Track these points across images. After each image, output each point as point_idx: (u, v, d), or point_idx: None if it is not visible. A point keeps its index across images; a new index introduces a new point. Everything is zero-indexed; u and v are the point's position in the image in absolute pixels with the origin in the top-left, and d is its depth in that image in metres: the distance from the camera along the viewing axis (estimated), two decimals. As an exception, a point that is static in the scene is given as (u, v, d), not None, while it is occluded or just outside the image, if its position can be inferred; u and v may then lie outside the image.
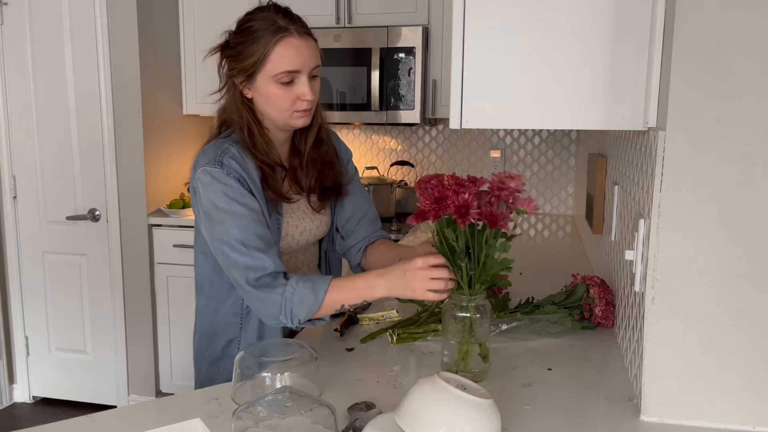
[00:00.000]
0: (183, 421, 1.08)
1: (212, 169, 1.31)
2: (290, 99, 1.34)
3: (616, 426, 1.08)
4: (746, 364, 1.04)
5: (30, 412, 3.24)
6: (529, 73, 1.14)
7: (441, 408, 0.88)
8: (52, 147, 3.08)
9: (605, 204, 1.84)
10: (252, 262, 1.28)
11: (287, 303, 1.27)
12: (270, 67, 1.31)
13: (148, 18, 2.99)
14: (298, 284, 1.28)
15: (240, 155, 1.35)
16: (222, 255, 1.32)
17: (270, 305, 1.28)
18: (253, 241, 1.29)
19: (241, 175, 1.32)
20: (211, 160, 1.33)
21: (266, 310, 1.30)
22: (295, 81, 1.33)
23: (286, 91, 1.33)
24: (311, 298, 1.27)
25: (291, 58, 1.31)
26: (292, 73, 1.32)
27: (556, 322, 1.45)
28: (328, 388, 1.19)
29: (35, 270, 3.20)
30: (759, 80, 0.97)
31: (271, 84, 1.33)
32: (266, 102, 1.36)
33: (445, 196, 1.12)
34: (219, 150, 1.34)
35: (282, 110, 1.36)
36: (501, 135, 3.30)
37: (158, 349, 3.17)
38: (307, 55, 1.33)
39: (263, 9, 1.35)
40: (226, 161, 1.32)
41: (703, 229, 1.02)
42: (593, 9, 1.10)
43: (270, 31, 1.31)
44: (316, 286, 1.28)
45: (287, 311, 1.27)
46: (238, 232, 1.29)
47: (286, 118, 1.37)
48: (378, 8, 2.96)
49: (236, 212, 1.30)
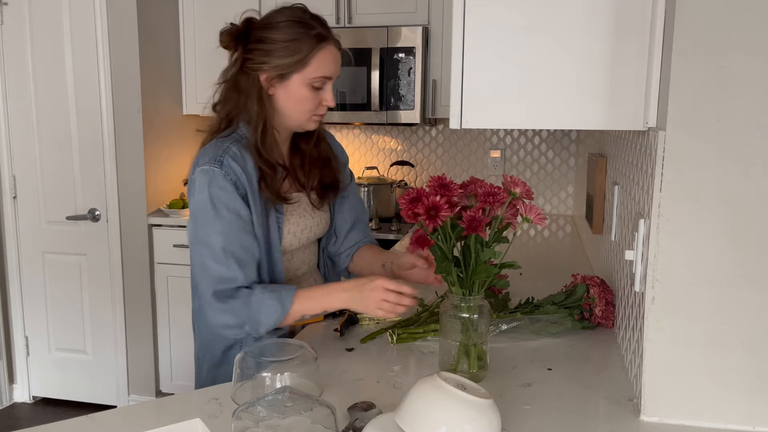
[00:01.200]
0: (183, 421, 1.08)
1: (210, 168, 1.32)
2: (315, 103, 1.39)
3: (616, 426, 1.08)
4: (746, 364, 1.04)
5: (30, 412, 3.24)
6: (529, 73, 1.14)
7: (441, 408, 0.88)
8: (52, 147, 3.08)
9: (605, 204, 1.84)
10: (226, 273, 1.30)
11: (254, 313, 1.30)
12: (310, 70, 1.35)
13: (148, 18, 2.99)
14: (264, 294, 1.31)
15: (241, 154, 1.35)
16: (198, 259, 1.33)
17: (234, 316, 1.31)
18: (235, 251, 1.31)
19: (238, 178, 1.33)
20: (211, 159, 1.33)
21: (228, 321, 1.32)
22: (324, 87, 1.39)
23: (314, 95, 1.38)
24: (278, 309, 1.30)
25: (330, 66, 1.38)
26: (326, 79, 1.39)
27: (556, 322, 1.45)
28: (328, 388, 1.19)
29: (35, 270, 3.20)
30: (759, 80, 0.97)
31: (303, 86, 1.37)
32: (292, 102, 1.38)
33: (420, 196, 1.13)
34: (220, 149, 1.34)
35: (304, 112, 1.40)
36: (501, 135, 3.30)
37: (158, 349, 3.17)
38: (339, 64, 1.42)
39: (294, 9, 1.38)
40: (226, 161, 1.32)
41: (703, 229, 1.02)
42: (593, 9, 1.10)
43: (313, 36, 1.35)
44: (282, 296, 1.31)
45: (254, 321, 1.31)
46: (221, 239, 1.31)
47: (303, 120, 1.41)
48: (378, 8, 2.96)
49: (225, 218, 1.31)
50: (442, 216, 1.12)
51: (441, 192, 1.14)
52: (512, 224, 1.20)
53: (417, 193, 1.15)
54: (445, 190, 1.15)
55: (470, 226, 1.12)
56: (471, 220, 1.12)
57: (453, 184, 1.17)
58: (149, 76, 3.01)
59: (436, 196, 1.13)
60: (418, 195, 1.14)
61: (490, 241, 1.17)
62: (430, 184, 1.17)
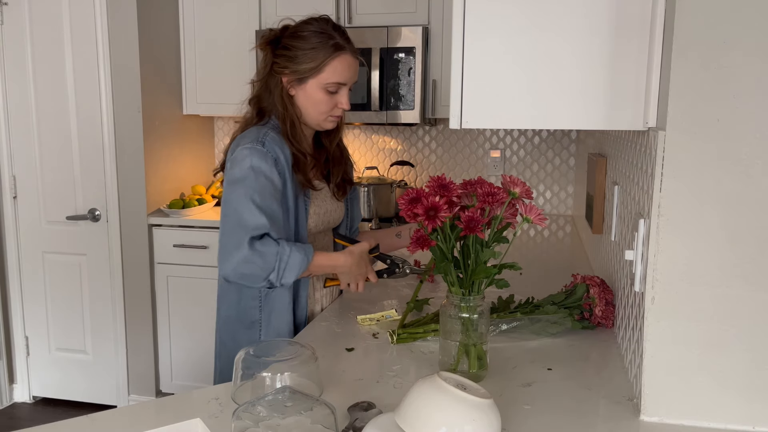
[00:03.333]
0: (183, 421, 1.08)
1: (254, 146, 1.48)
2: (330, 105, 1.55)
3: (616, 426, 1.08)
4: (746, 364, 1.04)
5: (30, 412, 3.24)
6: (529, 73, 1.14)
7: (441, 408, 0.88)
8: (52, 147, 3.08)
9: (605, 204, 1.84)
10: (259, 221, 1.44)
11: (281, 263, 1.45)
12: (324, 76, 1.52)
13: (148, 18, 2.99)
14: (291, 246, 1.46)
15: (279, 139, 1.53)
16: (234, 213, 1.46)
17: (262, 261, 1.44)
18: (267, 208, 1.46)
19: (278, 156, 1.50)
20: (253, 140, 1.49)
21: (254, 268, 1.44)
22: (338, 91, 1.55)
23: (329, 98, 1.55)
24: (303, 261, 1.47)
25: (343, 73, 1.53)
26: (340, 84, 1.54)
27: (556, 322, 1.45)
28: (328, 388, 1.19)
29: (35, 270, 3.20)
30: (759, 80, 0.97)
31: (319, 90, 1.53)
32: (309, 103, 1.55)
33: (419, 197, 1.13)
34: (261, 133, 1.51)
35: (320, 113, 1.56)
36: (501, 135, 3.30)
37: (158, 349, 3.17)
38: (353, 72, 1.57)
39: (320, 21, 1.54)
40: (268, 142, 1.49)
41: (703, 229, 1.02)
42: (593, 9, 1.10)
43: (330, 45, 1.51)
44: (307, 252, 1.48)
45: (280, 270, 1.45)
46: (258, 196, 1.45)
47: (320, 120, 1.58)
48: (378, 8, 2.96)
49: (262, 183, 1.47)
50: (441, 217, 1.12)
51: (440, 192, 1.14)
52: (512, 224, 1.20)
53: (416, 193, 1.15)
54: (445, 190, 1.15)
55: (468, 226, 1.12)
56: (469, 221, 1.12)
57: (452, 184, 1.17)
58: (149, 76, 3.01)
59: (435, 197, 1.13)
60: (418, 195, 1.15)
61: (490, 241, 1.17)
62: (430, 185, 1.17)
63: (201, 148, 3.51)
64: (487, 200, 1.15)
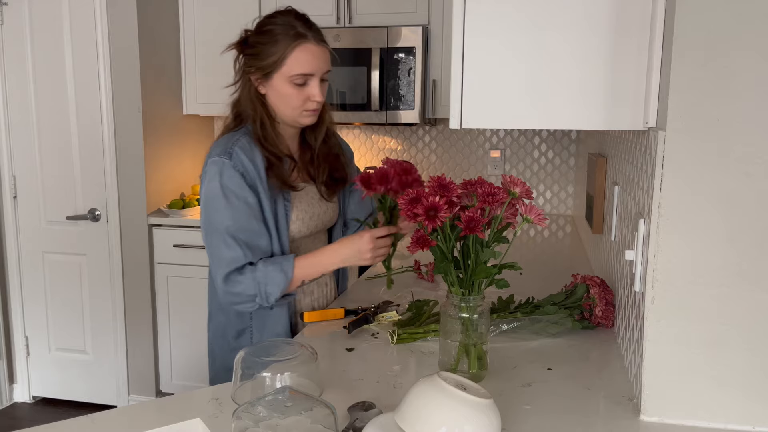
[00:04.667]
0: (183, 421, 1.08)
1: (220, 159, 1.43)
2: (301, 99, 1.47)
3: (616, 426, 1.08)
4: (746, 364, 1.04)
5: (30, 412, 3.24)
6: (529, 73, 1.14)
7: (441, 408, 0.88)
8: (52, 147, 3.08)
9: (605, 204, 1.84)
10: (235, 255, 1.42)
11: (260, 286, 1.42)
12: (287, 68, 1.44)
13: (148, 18, 2.99)
14: (267, 267, 1.43)
15: (249, 146, 1.47)
16: (209, 244, 1.45)
17: (245, 290, 1.42)
18: (243, 236, 1.43)
19: (246, 168, 1.44)
20: (221, 151, 1.44)
21: (240, 297, 1.43)
22: (307, 83, 1.46)
23: (298, 91, 1.46)
24: (282, 277, 1.43)
25: (307, 62, 1.44)
26: (306, 75, 1.45)
27: (557, 322, 1.45)
28: (328, 388, 1.19)
29: (35, 270, 3.20)
30: (759, 80, 0.97)
31: (285, 84, 1.45)
32: (279, 99, 1.48)
33: (419, 197, 1.13)
34: (230, 141, 1.46)
35: (293, 108, 1.48)
36: (501, 135, 3.30)
37: (158, 349, 3.17)
38: (320, 60, 1.47)
39: (283, 13, 1.47)
40: (235, 153, 1.44)
41: (703, 229, 1.02)
42: (593, 9, 1.10)
43: (290, 36, 1.43)
44: (283, 266, 1.44)
45: (262, 293, 1.43)
46: (231, 225, 1.42)
47: (295, 116, 1.50)
48: (378, 8, 2.96)
49: (233, 205, 1.42)
50: (441, 217, 1.12)
51: (440, 192, 1.14)
52: (512, 224, 1.20)
53: (416, 193, 1.15)
54: (445, 190, 1.15)
55: (468, 226, 1.12)
56: (469, 221, 1.12)
57: (452, 184, 1.17)
58: (149, 76, 3.01)
59: (435, 197, 1.13)
60: (418, 195, 1.15)
61: (490, 241, 1.17)
62: (430, 185, 1.17)
63: (201, 148, 3.51)
64: (487, 200, 1.15)
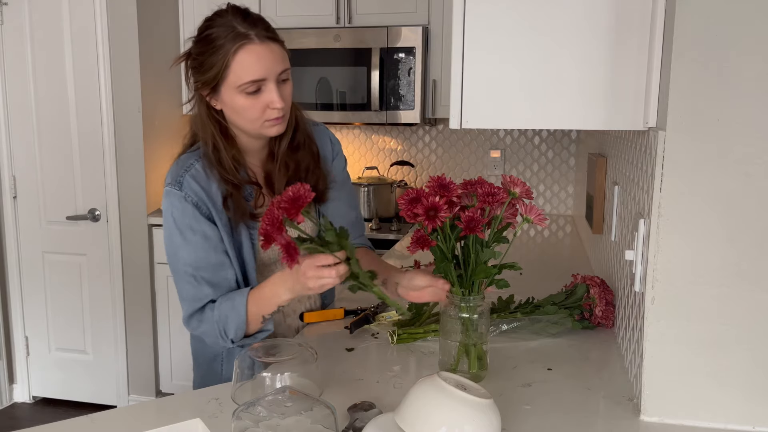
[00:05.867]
0: (183, 421, 1.08)
1: (171, 190, 1.30)
2: (259, 108, 1.26)
3: (616, 426, 1.08)
4: (746, 364, 1.04)
5: (30, 412, 3.24)
6: (529, 73, 1.14)
7: (441, 408, 0.88)
8: (52, 147, 3.08)
9: (605, 204, 1.84)
10: (199, 293, 1.31)
11: (219, 326, 1.30)
12: (233, 78, 1.23)
13: (148, 18, 2.99)
14: (221, 305, 1.30)
15: (204, 172, 1.31)
16: (174, 279, 1.35)
17: (207, 330, 1.32)
18: (203, 272, 1.30)
19: (200, 198, 1.29)
20: (173, 179, 1.31)
21: (207, 337, 1.34)
22: (262, 89, 1.25)
23: (254, 101, 1.25)
24: (235, 316, 1.29)
25: (253, 67, 1.23)
26: (257, 82, 1.24)
27: (557, 322, 1.45)
28: (328, 388, 1.19)
29: (35, 270, 3.20)
30: (759, 80, 0.97)
31: (236, 95, 1.25)
32: (235, 113, 1.28)
33: (419, 197, 1.13)
34: (182, 168, 1.32)
35: (252, 120, 1.28)
36: (501, 135, 3.30)
37: (158, 349, 3.17)
38: (270, 60, 1.24)
39: (221, 13, 1.27)
40: (186, 182, 1.30)
41: (703, 229, 1.02)
42: (593, 9, 1.10)
43: (229, 39, 1.22)
44: (235, 303, 1.29)
45: (222, 333, 1.30)
46: (191, 263, 1.30)
47: (257, 128, 1.29)
48: (378, 8, 2.96)
49: (190, 241, 1.30)
50: (441, 217, 1.12)
51: (440, 192, 1.14)
52: (512, 224, 1.20)
53: (416, 193, 1.15)
54: (445, 190, 1.15)
55: (468, 226, 1.12)
56: (469, 221, 1.12)
57: (453, 184, 1.17)
58: (149, 76, 3.01)
59: (435, 197, 1.13)
60: (418, 195, 1.14)
61: (490, 241, 1.17)
62: (430, 185, 1.17)
63: (201, 148, 3.51)
64: (487, 200, 1.15)
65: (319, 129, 1.53)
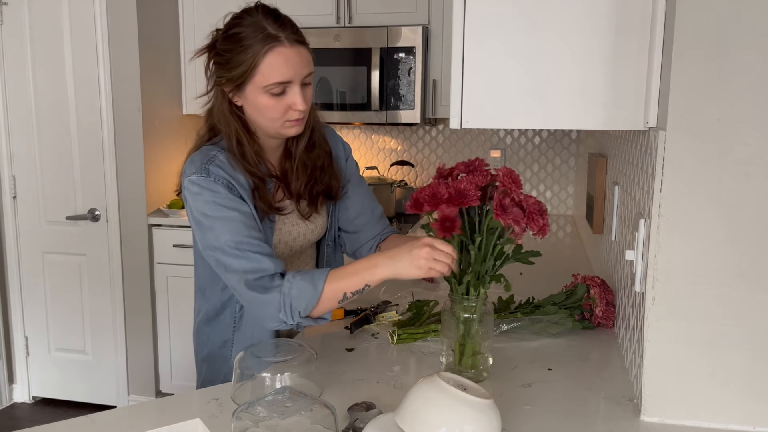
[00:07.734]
0: (183, 421, 1.08)
1: (198, 178, 1.28)
2: (282, 109, 1.29)
3: (616, 426, 1.08)
4: (746, 364, 1.04)
5: (30, 412, 3.24)
6: (529, 73, 1.14)
7: (441, 408, 0.88)
8: (52, 147, 3.08)
9: (605, 204, 1.84)
10: (249, 264, 1.24)
11: (285, 298, 1.22)
12: (260, 78, 1.25)
13: (148, 18, 2.99)
14: (296, 278, 1.23)
15: (228, 163, 1.31)
16: (216, 262, 1.28)
17: (268, 304, 1.23)
18: (248, 244, 1.25)
19: (229, 181, 1.29)
20: (197, 168, 1.29)
21: (266, 311, 1.24)
22: (286, 91, 1.28)
23: (277, 102, 1.28)
24: (310, 290, 1.21)
25: (281, 69, 1.25)
26: (283, 84, 1.26)
27: (557, 322, 1.45)
28: (328, 388, 1.19)
29: (35, 270, 3.20)
30: (759, 80, 0.97)
31: (261, 94, 1.27)
32: (256, 112, 1.30)
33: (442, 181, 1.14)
34: (206, 158, 1.31)
35: (273, 120, 1.30)
36: (501, 135, 3.30)
37: (158, 349, 3.17)
38: (298, 64, 1.27)
39: (251, 12, 1.28)
40: (213, 169, 1.29)
41: (704, 228, 1.02)
42: (594, 9, 1.10)
43: (259, 40, 1.24)
44: (314, 277, 1.23)
45: (286, 306, 1.22)
46: (230, 237, 1.25)
47: (277, 128, 1.32)
48: (378, 8, 2.96)
49: (227, 217, 1.26)
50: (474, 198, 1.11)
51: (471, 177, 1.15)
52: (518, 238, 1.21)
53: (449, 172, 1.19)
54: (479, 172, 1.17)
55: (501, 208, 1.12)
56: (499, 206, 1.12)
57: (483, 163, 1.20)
58: (149, 76, 3.01)
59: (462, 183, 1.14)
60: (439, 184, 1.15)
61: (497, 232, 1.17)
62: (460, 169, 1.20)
63: (201, 148, 3.51)
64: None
65: (329, 129, 1.56)
